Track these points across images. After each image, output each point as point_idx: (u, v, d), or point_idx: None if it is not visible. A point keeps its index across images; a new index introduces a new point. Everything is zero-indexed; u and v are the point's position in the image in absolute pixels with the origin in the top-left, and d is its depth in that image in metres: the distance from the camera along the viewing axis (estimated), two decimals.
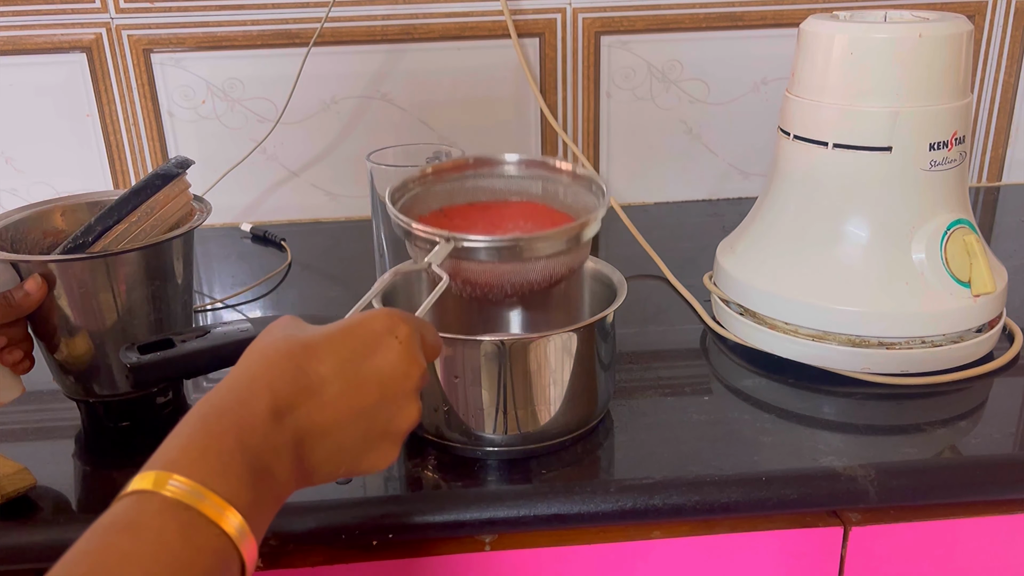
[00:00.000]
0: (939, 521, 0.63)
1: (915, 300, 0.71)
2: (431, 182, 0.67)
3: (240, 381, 0.43)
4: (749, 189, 1.15)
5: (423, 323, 0.50)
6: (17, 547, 0.58)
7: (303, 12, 1.04)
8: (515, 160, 0.68)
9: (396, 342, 0.46)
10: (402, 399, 0.46)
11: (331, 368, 0.44)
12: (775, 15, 1.08)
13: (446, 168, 0.68)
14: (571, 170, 0.67)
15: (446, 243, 0.57)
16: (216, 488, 0.38)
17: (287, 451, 0.42)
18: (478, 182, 0.69)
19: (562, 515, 0.60)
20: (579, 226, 0.60)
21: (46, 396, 0.72)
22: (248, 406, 0.42)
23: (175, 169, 0.67)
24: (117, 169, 1.09)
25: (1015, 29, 1.12)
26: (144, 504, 0.37)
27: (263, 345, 0.45)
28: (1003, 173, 1.19)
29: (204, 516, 0.37)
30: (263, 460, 0.40)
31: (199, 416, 0.41)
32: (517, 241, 0.58)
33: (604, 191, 0.64)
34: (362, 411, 0.44)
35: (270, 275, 0.97)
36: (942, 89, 0.70)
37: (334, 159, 1.11)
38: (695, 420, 0.68)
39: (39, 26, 1.02)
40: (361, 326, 0.46)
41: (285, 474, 0.42)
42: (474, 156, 0.68)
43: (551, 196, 0.68)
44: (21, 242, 0.68)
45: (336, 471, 0.45)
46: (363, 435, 0.45)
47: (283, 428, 0.42)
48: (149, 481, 0.38)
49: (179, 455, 0.39)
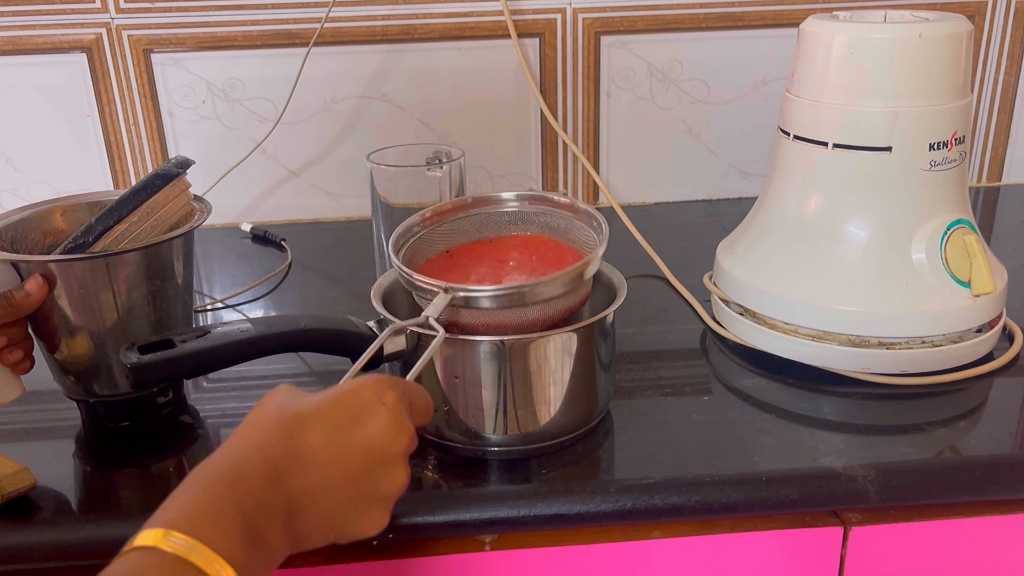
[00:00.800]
0: (939, 521, 0.63)
1: (915, 300, 0.71)
2: (434, 223, 0.69)
3: (236, 448, 0.46)
4: (749, 189, 1.15)
5: (412, 387, 0.52)
6: (17, 547, 0.58)
7: (303, 12, 1.04)
8: (515, 196, 0.70)
9: (384, 409, 0.49)
10: (389, 464, 0.49)
11: (321, 436, 0.47)
12: (775, 15, 1.08)
13: (446, 209, 0.70)
14: (571, 205, 0.69)
15: (444, 294, 0.59)
16: (213, 545, 0.41)
17: (279, 514, 0.44)
18: (480, 220, 0.70)
19: (562, 515, 0.60)
20: (579, 268, 0.61)
21: (46, 396, 0.72)
22: (243, 471, 0.44)
23: (175, 169, 0.67)
24: (117, 169, 1.09)
25: (1015, 29, 1.12)
26: (147, 559, 0.40)
27: (259, 415, 0.48)
28: (1003, 173, 1.19)
29: (201, 571, 0.40)
30: (257, 522, 0.43)
31: (197, 480, 0.44)
32: (517, 289, 0.59)
33: (603, 228, 0.65)
34: (350, 477, 0.47)
35: (270, 275, 0.97)
36: (942, 89, 0.70)
37: (334, 159, 1.11)
38: (695, 420, 0.68)
39: (39, 26, 1.03)
40: (351, 395, 0.49)
41: (277, 537, 0.44)
42: (473, 196, 0.70)
43: (554, 230, 0.70)
44: (21, 242, 0.68)
45: (327, 536, 0.47)
46: (353, 500, 0.48)
47: (276, 492, 0.45)
48: (151, 538, 0.40)
49: (179, 514, 0.42)
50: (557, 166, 1.13)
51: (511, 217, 0.70)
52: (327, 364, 0.73)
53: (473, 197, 0.70)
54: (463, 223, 0.70)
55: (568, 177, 1.14)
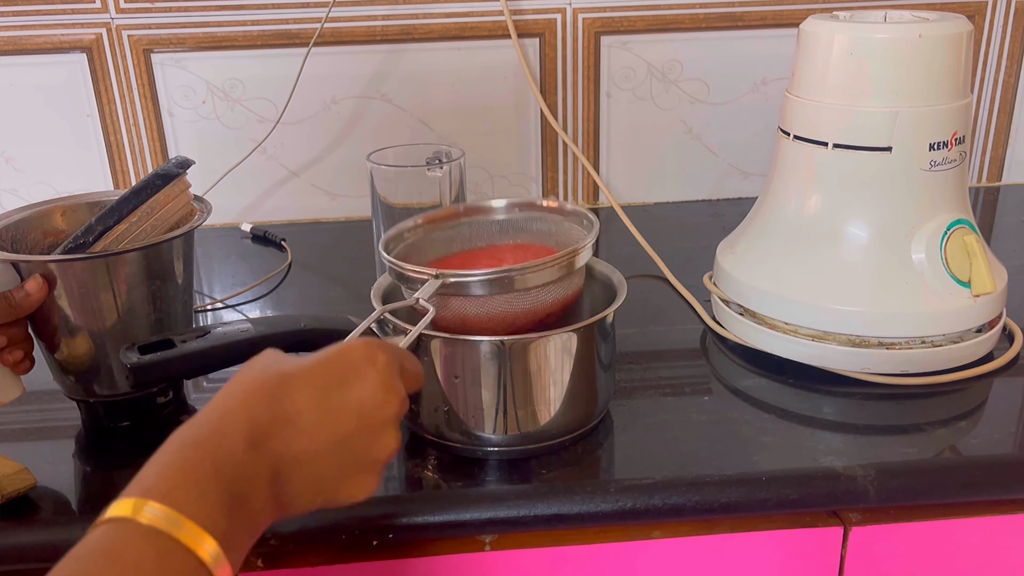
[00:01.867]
0: (939, 521, 0.63)
1: (915, 300, 0.71)
2: (426, 231, 0.69)
3: (217, 411, 0.43)
4: (749, 189, 1.15)
5: (403, 352, 0.50)
6: (17, 547, 0.58)
7: (303, 12, 1.04)
8: (505, 204, 0.71)
9: (374, 371, 0.46)
10: (380, 428, 0.46)
11: (308, 398, 0.44)
12: (775, 15, 1.08)
13: (439, 217, 0.70)
14: (560, 208, 0.69)
15: (434, 279, 0.59)
16: (192, 515, 0.38)
17: (263, 480, 0.42)
18: (472, 229, 0.71)
19: (562, 515, 0.60)
20: (569, 254, 0.61)
21: (46, 396, 0.72)
22: (225, 435, 0.42)
23: (175, 169, 0.67)
24: (117, 169, 1.09)
25: (1015, 29, 1.12)
26: (121, 531, 0.38)
27: (242, 378, 0.45)
28: (1003, 173, 1.19)
29: (180, 543, 0.37)
30: (239, 489, 0.41)
31: (176, 445, 0.41)
32: (505, 273, 0.59)
33: (593, 224, 0.65)
34: (339, 440, 0.45)
35: (270, 275, 0.97)
36: (942, 89, 0.70)
37: (334, 159, 1.11)
38: (695, 420, 0.68)
39: (39, 26, 1.03)
40: (339, 356, 0.47)
41: (261, 503, 0.42)
42: (464, 205, 0.71)
43: (545, 236, 0.70)
44: (22, 242, 0.68)
45: (314, 501, 0.45)
46: (341, 465, 0.45)
47: (259, 457, 0.42)
48: (126, 508, 0.38)
49: (155, 482, 0.39)
50: (557, 166, 1.13)
51: (501, 225, 0.71)
52: None
53: (464, 205, 0.71)
54: (454, 231, 0.71)
55: (568, 177, 1.14)
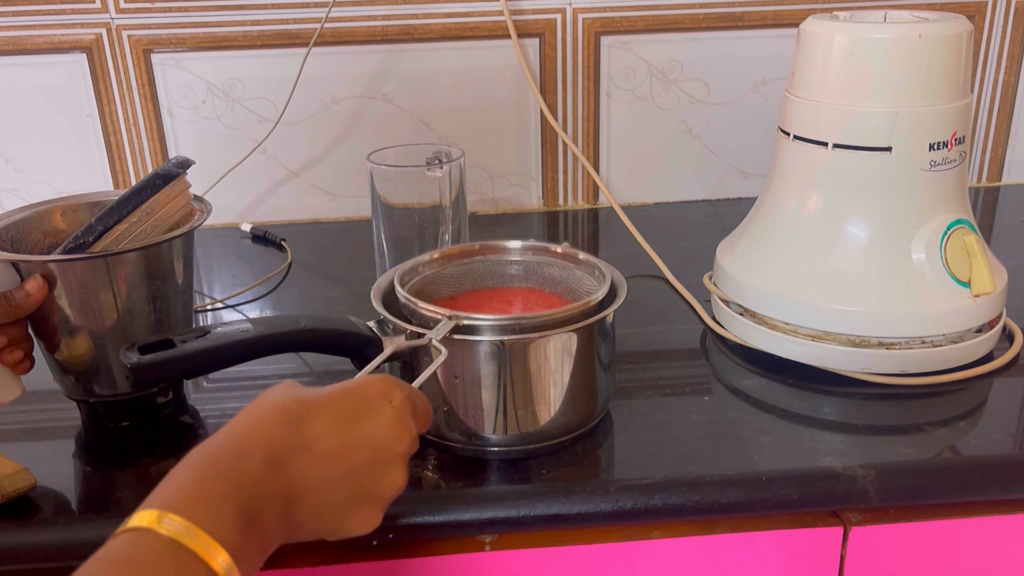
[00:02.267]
0: (939, 521, 0.63)
1: (915, 300, 0.71)
2: (440, 266, 0.71)
3: (237, 431, 0.45)
4: (749, 189, 1.15)
5: (416, 392, 0.52)
6: (17, 547, 0.58)
7: (303, 12, 1.04)
8: (520, 247, 0.72)
9: (390, 407, 0.49)
10: (390, 463, 0.48)
11: (325, 427, 0.46)
12: (775, 15, 1.08)
13: (453, 254, 0.71)
14: (572, 255, 0.70)
15: (448, 320, 0.60)
16: (209, 529, 0.40)
17: (277, 502, 0.44)
18: (486, 267, 0.72)
19: (562, 515, 0.60)
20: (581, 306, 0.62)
21: (46, 396, 0.72)
22: (243, 455, 0.44)
23: (175, 169, 0.67)
24: (117, 169, 1.09)
25: (1015, 29, 1.12)
26: (141, 540, 0.39)
27: (263, 401, 0.47)
28: (1003, 173, 1.19)
29: (195, 555, 0.39)
30: (254, 507, 0.42)
31: (196, 461, 0.43)
32: (518, 321, 0.60)
33: (605, 276, 0.66)
34: (351, 471, 0.47)
35: (270, 275, 0.97)
36: (942, 89, 0.70)
37: (334, 159, 1.11)
38: (695, 420, 0.68)
39: (39, 26, 1.03)
40: (358, 389, 0.49)
41: (273, 524, 0.44)
42: (480, 243, 0.72)
43: (555, 283, 0.71)
44: (21, 242, 0.68)
45: (321, 529, 0.47)
46: (350, 495, 0.47)
47: (275, 479, 0.44)
48: (147, 519, 0.40)
49: (175, 495, 0.41)
50: (557, 166, 1.13)
51: (515, 267, 0.72)
52: (327, 364, 0.73)
53: (480, 244, 0.72)
54: (468, 268, 0.72)
55: (568, 177, 1.14)
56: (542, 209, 1.15)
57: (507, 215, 1.14)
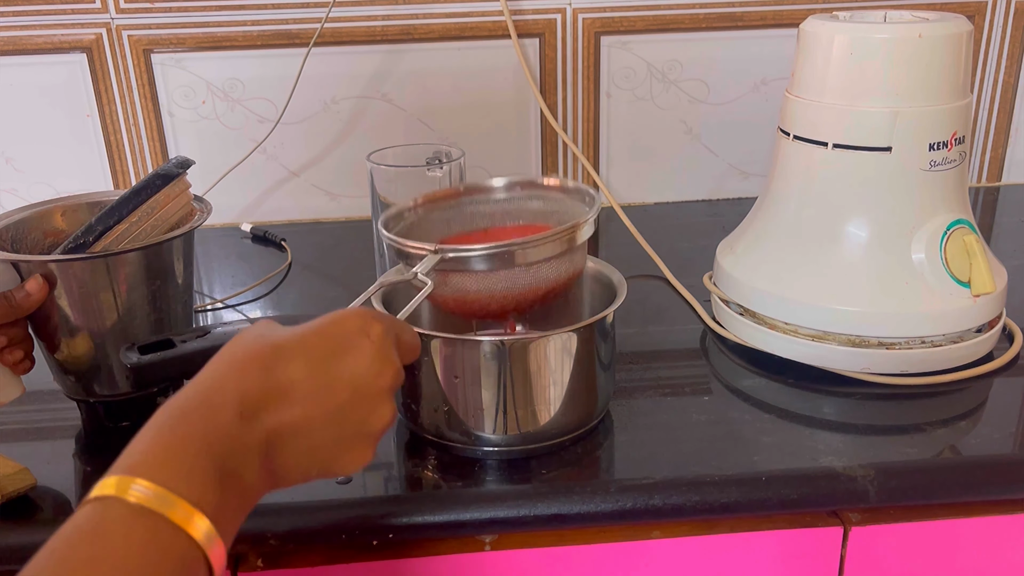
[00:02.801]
0: (939, 521, 0.63)
1: (915, 300, 0.71)
2: (426, 210, 0.68)
3: (206, 383, 0.42)
4: (749, 189, 1.15)
5: (399, 323, 0.49)
6: (17, 547, 0.58)
7: (303, 12, 1.04)
8: (505, 183, 0.69)
9: (368, 342, 0.46)
10: (375, 399, 0.45)
11: (301, 369, 0.43)
12: (775, 15, 1.08)
13: (439, 196, 0.68)
14: (561, 185, 0.67)
15: (433, 254, 0.58)
16: (182, 492, 0.37)
17: (255, 453, 0.41)
18: (473, 208, 0.69)
19: (562, 515, 0.60)
20: (571, 228, 0.60)
21: (46, 396, 0.72)
22: (215, 408, 0.41)
23: (175, 169, 0.67)
24: (117, 169, 1.09)
25: (1015, 29, 1.12)
26: (107, 510, 0.36)
27: (232, 348, 0.44)
28: (1003, 173, 1.19)
29: (170, 522, 0.36)
30: (230, 463, 0.40)
31: (163, 419, 0.40)
32: (506, 248, 0.58)
33: (595, 199, 0.64)
34: (334, 411, 0.44)
35: (270, 275, 0.97)
36: (942, 89, 0.70)
37: (334, 159, 1.11)
38: (695, 420, 0.68)
39: (39, 26, 1.03)
40: (333, 326, 0.46)
41: (253, 476, 0.41)
42: (465, 184, 0.69)
43: (547, 215, 0.68)
44: (22, 242, 0.68)
45: (308, 473, 0.44)
46: (335, 436, 0.44)
47: (251, 430, 0.41)
48: (111, 487, 0.37)
49: (142, 459, 0.38)
50: (557, 166, 1.13)
51: (503, 204, 0.69)
52: None
53: (465, 185, 0.69)
54: (455, 211, 0.68)
55: (568, 177, 1.14)
56: None
57: None
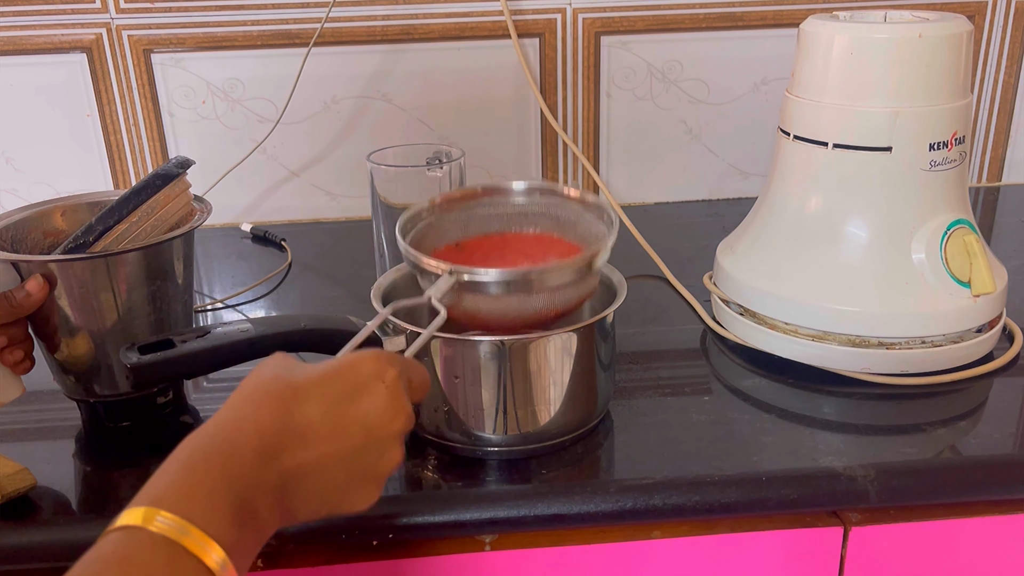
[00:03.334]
0: (939, 521, 0.63)
1: (915, 300, 0.71)
2: (442, 211, 0.67)
3: (228, 421, 0.44)
4: (749, 189, 1.15)
5: (411, 364, 0.51)
6: (17, 547, 0.58)
7: (303, 12, 1.04)
8: (525, 187, 0.68)
9: (383, 386, 0.47)
10: (386, 443, 0.47)
11: (318, 411, 0.45)
12: (775, 15, 1.08)
13: (456, 198, 0.67)
14: (581, 197, 0.66)
15: (448, 276, 0.57)
16: (201, 524, 0.39)
17: (271, 492, 0.43)
18: (489, 210, 0.68)
19: (562, 515, 0.60)
20: (588, 257, 0.59)
21: (46, 396, 0.72)
22: (236, 446, 0.43)
23: (175, 169, 0.67)
24: (117, 169, 1.09)
25: (1015, 29, 1.12)
26: (132, 539, 0.39)
27: (252, 387, 0.46)
28: (1003, 173, 1.19)
29: (188, 552, 0.38)
30: (248, 498, 0.42)
31: (186, 454, 0.43)
32: (523, 275, 0.57)
33: (613, 219, 0.63)
34: (346, 454, 0.45)
35: (270, 275, 0.97)
36: (942, 89, 0.70)
37: (334, 159, 1.11)
38: (695, 420, 0.68)
39: (39, 26, 1.02)
40: (349, 369, 0.47)
41: (268, 513, 0.43)
42: (483, 185, 0.68)
43: (563, 226, 0.67)
44: (22, 242, 0.68)
45: (319, 511, 0.46)
46: (346, 477, 0.46)
47: (269, 469, 0.43)
48: (138, 517, 0.39)
49: (166, 492, 0.40)
50: (557, 166, 1.13)
51: (521, 209, 0.68)
52: None
53: (483, 186, 0.68)
54: (472, 212, 0.68)
55: (568, 177, 1.14)
56: None
57: None
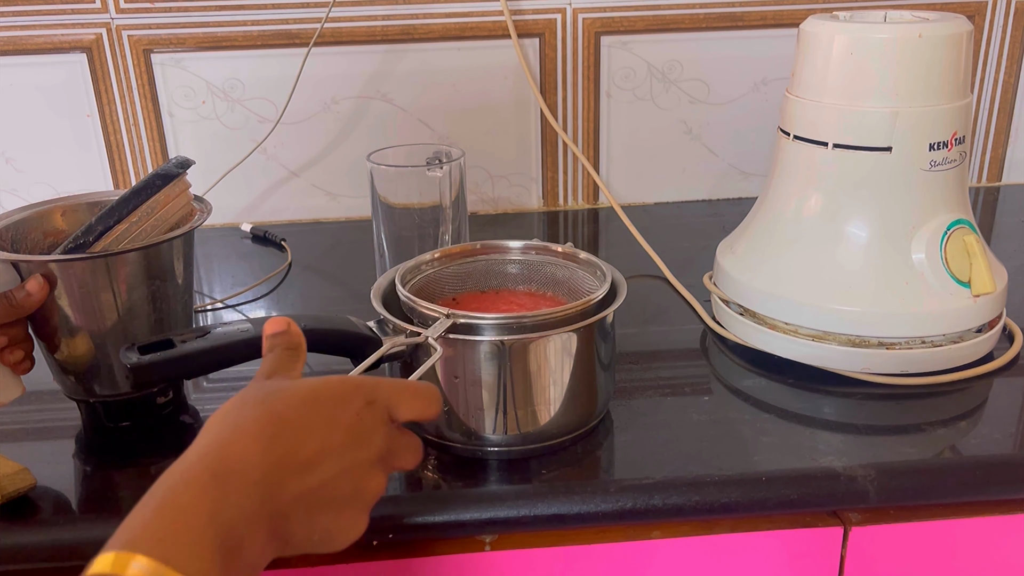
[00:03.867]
0: (939, 521, 0.63)
1: (915, 300, 0.71)
2: (441, 265, 0.71)
3: (210, 452, 0.41)
4: (749, 189, 1.15)
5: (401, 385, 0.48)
6: (17, 547, 0.58)
7: (303, 12, 1.04)
8: (521, 246, 0.72)
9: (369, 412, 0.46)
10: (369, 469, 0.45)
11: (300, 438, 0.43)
12: (775, 15, 1.08)
13: (454, 252, 0.72)
14: (573, 254, 0.70)
15: (446, 319, 0.60)
16: (183, 568, 0.36)
17: (259, 524, 0.40)
18: (487, 267, 0.72)
19: (562, 515, 0.60)
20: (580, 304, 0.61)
21: (46, 396, 0.72)
22: (218, 478, 0.40)
23: (175, 169, 0.67)
24: (117, 169, 1.09)
25: (1015, 29, 1.12)
26: None
27: (233, 414, 0.44)
28: (1003, 173, 1.19)
29: None
30: (235, 534, 0.39)
31: (164, 490, 0.39)
32: (518, 320, 0.60)
33: (607, 275, 0.66)
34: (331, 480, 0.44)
35: (270, 275, 0.97)
36: (942, 89, 0.70)
37: (334, 159, 1.11)
38: (695, 420, 0.68)
39: (39, 26, 1.03)
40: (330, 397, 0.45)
41: (258, 547, 0.40)
42: (482, 243, 0.72)
43: (558, 283, 0.71)
44: (22, 242, 0.68)
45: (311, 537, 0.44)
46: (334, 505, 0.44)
47: (255, 499, 0.41)
48: (111, 564, 0.35)
49: (142, 532, 0.37)
50: (557, 166, 1.13)
51: (516, 266, 0.72)
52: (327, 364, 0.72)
53: (481, 243, 0.72)
54: (469, 267, 0.72)
55: (568, 177, 1.14)
56: (542, 209, 1.15)
57: (507, 215, 1.14)
